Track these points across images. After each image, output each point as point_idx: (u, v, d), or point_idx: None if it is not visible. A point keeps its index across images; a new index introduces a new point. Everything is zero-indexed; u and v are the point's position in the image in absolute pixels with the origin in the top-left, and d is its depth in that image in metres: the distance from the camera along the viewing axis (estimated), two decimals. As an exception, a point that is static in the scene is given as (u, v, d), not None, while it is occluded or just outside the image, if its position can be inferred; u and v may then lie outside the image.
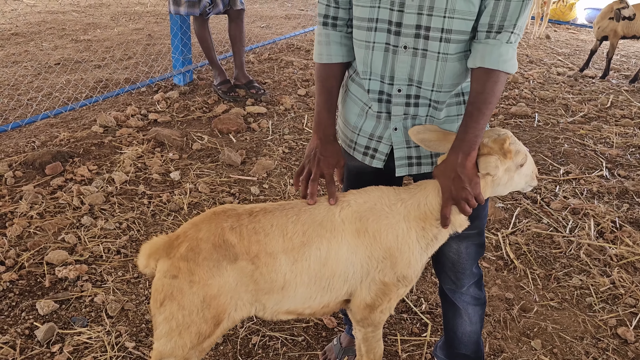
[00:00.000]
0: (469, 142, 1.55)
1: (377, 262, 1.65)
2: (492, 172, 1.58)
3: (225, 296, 1.58)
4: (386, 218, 1.64)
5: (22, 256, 2.77)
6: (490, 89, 1.53)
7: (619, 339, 2.54)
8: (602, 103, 5.46)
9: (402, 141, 1.75)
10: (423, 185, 1.69)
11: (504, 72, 1.53)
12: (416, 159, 1.77)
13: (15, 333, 2.33)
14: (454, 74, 1.63)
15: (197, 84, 5.25)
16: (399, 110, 1.71)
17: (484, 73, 1.53)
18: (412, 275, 1.71)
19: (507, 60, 1.52)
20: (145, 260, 1.63)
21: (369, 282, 1.68)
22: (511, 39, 1.52)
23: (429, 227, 1.66)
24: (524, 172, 1.68)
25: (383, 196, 1.68)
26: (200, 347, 1.65)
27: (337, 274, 1.65)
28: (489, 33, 1.52)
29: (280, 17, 8.56)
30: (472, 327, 2.02)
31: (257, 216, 1.63)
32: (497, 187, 1.66)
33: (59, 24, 7.13)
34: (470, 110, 1.55)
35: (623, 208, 3.56)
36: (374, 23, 1.61)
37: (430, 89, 1.64)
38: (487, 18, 1.51)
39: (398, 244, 1.64)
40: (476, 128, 1.55)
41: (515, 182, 1.68)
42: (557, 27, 9.33)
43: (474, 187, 1.56)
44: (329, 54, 1.75)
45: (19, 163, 3.60)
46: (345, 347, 2.30)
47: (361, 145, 1.82)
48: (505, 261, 3.03)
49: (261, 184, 3.62)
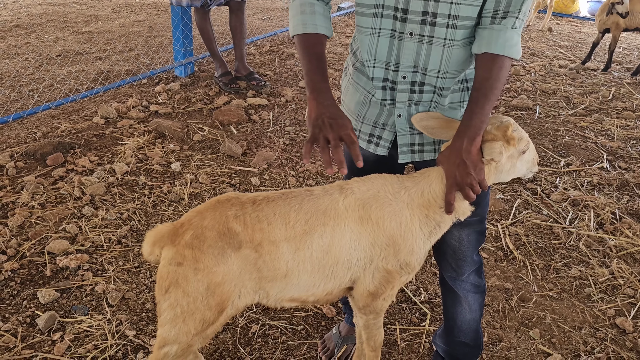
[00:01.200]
0: (475, 128, 1.55)
1: (381, 250, 1.66)
2: (497, 158, 1.59)
3: (230, 284, 1.59)
4: (389, 205, 1.65)
5: (24, 245, 2.78)
6: (496, 75, 1.53)
7: (617, 329, 2.54)
8: (604, 95, 5.45)
9: (406, 128, 1.75)
10: (427, 173, 1.69)
11: (509, 57, 1.53)
12: (419, 145, 1.77)
13: (16, 321, 2.35)
14: (460, 60, 1.63)
15: (198, 75, 5.25)
16: (404, 97, 1.71)
17: (489, 59, 1.54)
18: (414, 263, 1.72)
19: (512, 46, 1.53)
20: (150, 247, 1.64)
21: (373, 269, 1.69)
22: (516, 24, 1.52)
23: (432, 215, 1.67)
24: (526, 158, 1.70)
25: (386, 184, 1.68)
26: (203, 334, 1.67)
27: (340, 262, 1.66)
28: (494, 19, 1.53)
29: (281, 9, 8.54)
30: (471, 315, 2.02)
31: (261, 204, 1.64)
32: (501, 173, 1.67)
33: (61, 16, 7.13)
34: (475, 96, 1.55)
35: (623, 200, 3.56)
36: (380, 9, 1.61)
37: (436, 75, 1.65)
38: (493, 4, 1.52)
39: (401, 231, 1.65)
40: (481, 114, 1.54)
41: (518, 169, 1.70)
42: (559, 19, 9.30)
43: (478, 172, 1.56)
44: (314, 24, 1.67)
45: (20, 154, 3.61)
46: (345, 336, 2.31)
47: (365, 133, 1.82)
48: (505, 252, 3.03)
49: (262, 175, 3.63)
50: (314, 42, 1.67)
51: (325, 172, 1.51)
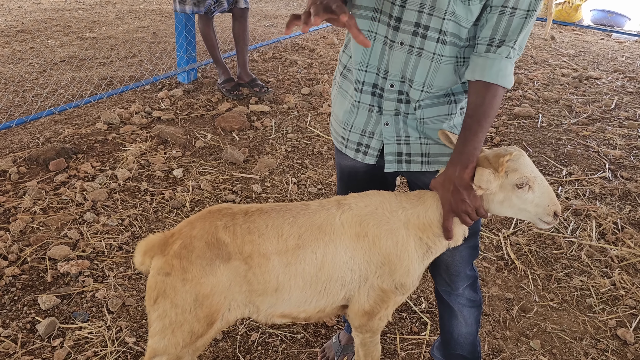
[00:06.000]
0: (467, 155, 1.54)
1: (376, 268, 1.65)
2: (484, 185, 1.53)
3: (219, 296, 1.58)
4: (387, 224, 1.63)
5: (25, 251, 2.79)
6: (489, 102, 1.53)
7: (619, 340, 2.53)
8: (606, 104, 5.45)
9: (393, 137, 1.75)
10: (423, 197, 1.67)
11: (502, 86, 1.53)
12: (406, 155, 1.77)
13: (16, 327, 2.35)
14: (444, 78, 1.64)
15: (201, 82, 5.26)
16: (391, 105, 1.71)
17: (482, 86, 1.53)
18: (409, 284, 1.71)
19: (506, 76, 1.53)
20: (140, 257, 1.64)
21: (368, 288, 1.67)
22: (510, 54, 1.53)
23: (425, 239, 1.65)
24: (528, 198, 1.57)
25: (384, 201, 1.67)
26: (193, 346, 1.64)
27: (334, 278, 1.64)
28: (490, 47, 1.53)
29: (284, 16, 8.56)
30: (467, 328, 2.02)
31: (253, 216, 1.62)
32: (493, 204, 1.60)
33: (65, 22, 7.16)
34: (469, 123, 1.55)
35: (625, 210, 3.55)
36: (377, 14, 1.62)
37: (420, 89, 1.65)
38: (489, 32, 1.52)
39: (397, 251, 1.64)
40: (474, 141, 1.54)
41: (516, 206, 1.58)
42: (562, 28, 9.31)
43: (473, 200, 1.55)
44: None
45: (23, 159, 3.62)
46: (344, 345, 2.31)
47: (353, 142, 1.83)
48: (506, 261, 3.03)
49: (263, 182, 3.63)
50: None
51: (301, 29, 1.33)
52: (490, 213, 1.63)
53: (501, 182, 1.56)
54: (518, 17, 1.49)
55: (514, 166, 1.56)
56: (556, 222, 1.59)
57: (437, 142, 1.74)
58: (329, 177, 3.75)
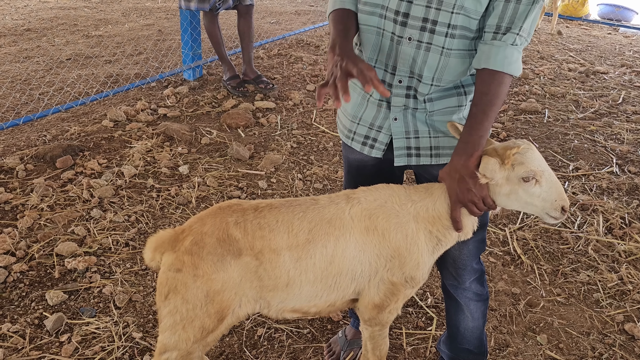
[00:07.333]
0: (473, 144, 1.54)
1: (386, 261, 1.65)
2: (488, 174, 1.52)
3: (230, 291, 1.58)
4: (396, 217, 1.63)
5: (33, 247, 2.80)
6: (494, 91, 1.52)
7: (626, 334, 2.52)
8: (614, 99, 5.41)
9: (402, 131, 1.75)
10: (431, 189, 1.67)
11: (508, 74, 1.52)
12: (415, 149, 1.77)
13: (25, 322, 2.37)
14: (454, 71, 1.63)
15: (207, 79, 5.27)
16: (399, 101, 1.71)
17: (488, 74, 1.53)
18: (419, 277, 1.70)
19: (512, 63, 1.52)
20: (151, 253, 1.64)
21: (378, 281, 1.68)
22: (516, 41, 1.52)
23: (435, 232, 1.65)
24: (534, 192, 1.55)
25: (394, 195, 1.67)
26: (204, 342, 1.65)
27: (344, 272, 1.64)
28: (496, 34, 1.52)
29: (290, 13, 8.56)
30: (474, 322, 2.01)
31: (263, 212, 1.62)
32: (499, 196, 1.58)
33: (71, 20, 7.19)
34: (474, 111, 1.54)
35: (633, 204, 3.53)
36: (385, 11, 1.62)
37: (430, 83, 1.64)
38: (495, 19, 1.52)
39: (407, 244, 1.64)
40: (480, 129, 1.53)
41: (523, 199, 1.56)
42: (569, 23, 9.25)
43: (479, 189, 1.54)
44: (342, 1, 1.70)
45: (30, 156, 3.64)
46: (351, 340, 2.31)
47: (360, 135, 1.82)
48: (513, 256, 3.02)
49: (269, 179, 3.64)
50: (341, 15, 1.68)
51: (333, 105, 1.46)
52: (498, 206, 1.62)
53: (507, 174, 1.55)
54: (524, 3, 1.49)
55: (520, 159, 1.55)
56: (564, 217, 1.58)
57: (446, 134, 1.73)
58: (335, 173, 3.75)
